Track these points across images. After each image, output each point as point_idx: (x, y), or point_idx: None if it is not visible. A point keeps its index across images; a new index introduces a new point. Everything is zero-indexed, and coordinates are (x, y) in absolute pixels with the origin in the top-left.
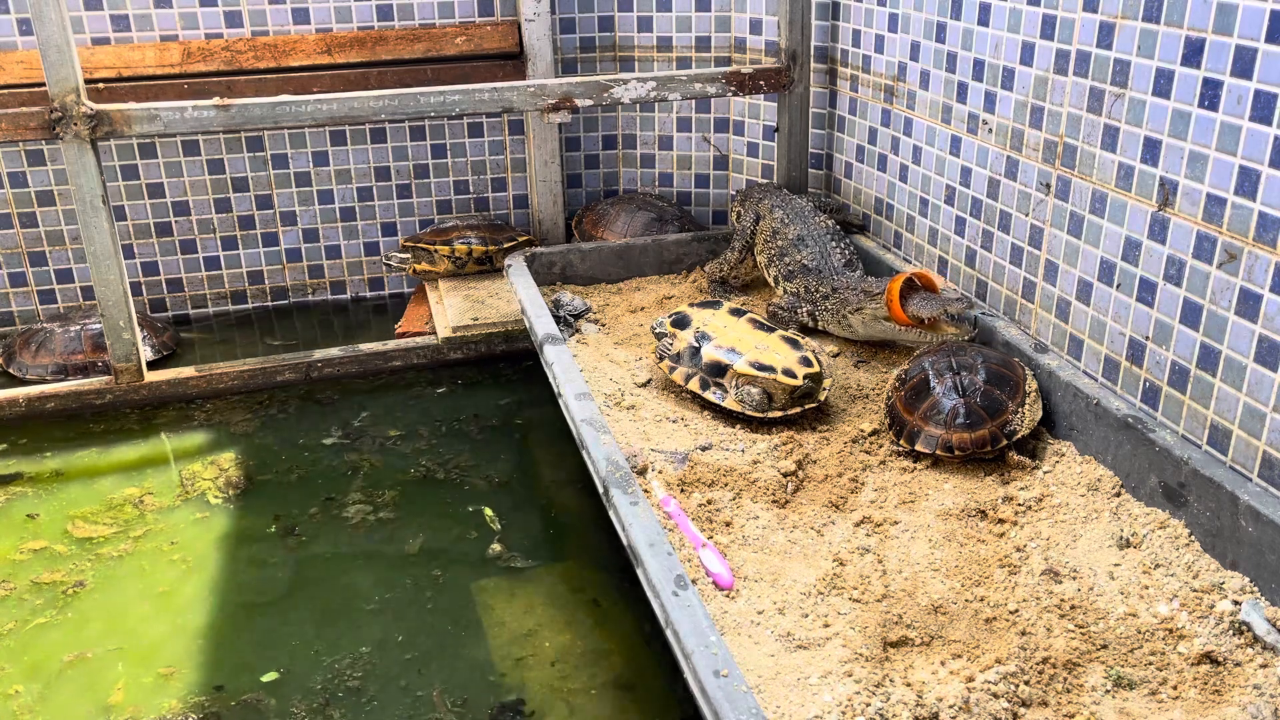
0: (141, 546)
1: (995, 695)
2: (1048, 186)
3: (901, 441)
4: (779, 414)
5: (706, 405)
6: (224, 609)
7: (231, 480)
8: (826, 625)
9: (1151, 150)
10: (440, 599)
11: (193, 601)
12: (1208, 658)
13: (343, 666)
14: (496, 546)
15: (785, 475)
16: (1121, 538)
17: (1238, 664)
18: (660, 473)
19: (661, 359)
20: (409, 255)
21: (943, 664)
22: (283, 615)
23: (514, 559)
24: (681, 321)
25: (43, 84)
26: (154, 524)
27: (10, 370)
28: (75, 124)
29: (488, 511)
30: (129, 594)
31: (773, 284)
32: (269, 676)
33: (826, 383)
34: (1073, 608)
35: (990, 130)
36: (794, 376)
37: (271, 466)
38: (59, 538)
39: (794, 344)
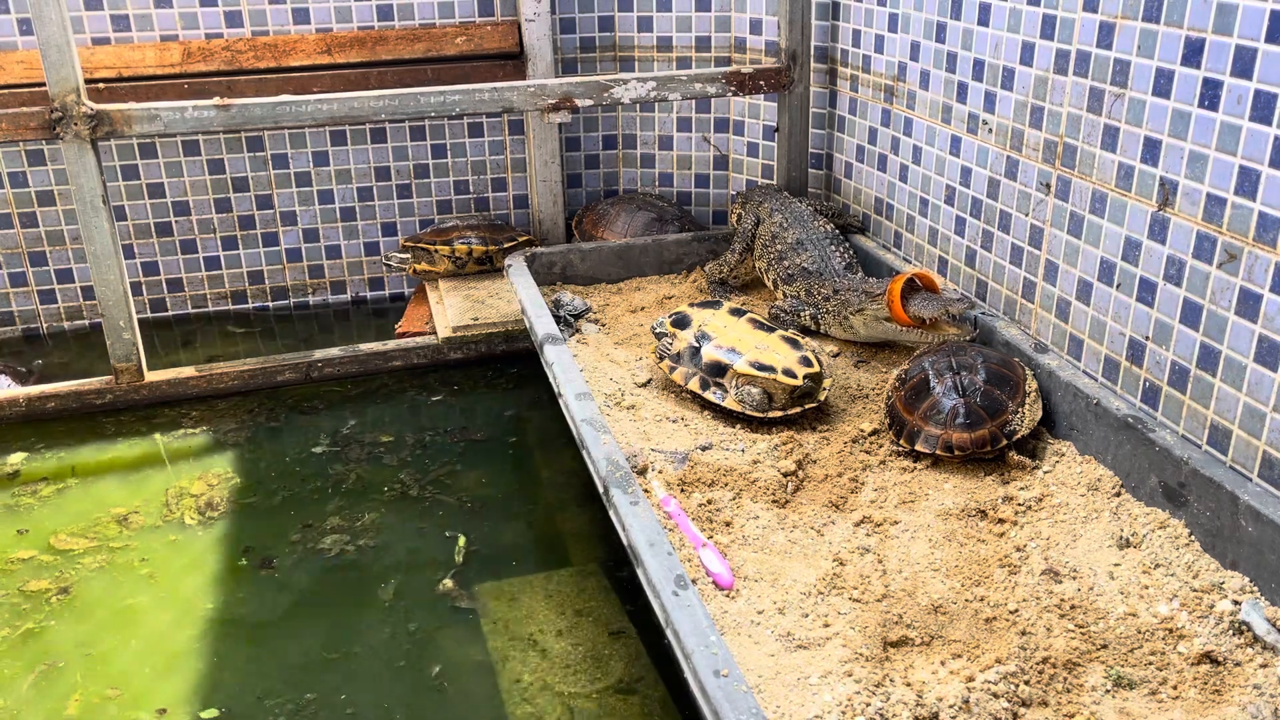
0: (117, 560)
1: (995, 695)
2: (1048, 186)
3: (901, 441)
4: (779, 414)
5: (706, 405)
6: (189, 636)
7: (213, 501)
8: (826, 625)
9: (1151, 150)
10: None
11: (161, 626)
12: (1208, 658)
13: (287, 712)
14: (449, 583)
15: (785, 475)
16: (1121, 538)
17: (1238, 664)
18: (660, 472)
19: (661, 359)
20: (409, 255)
21: (943, 664)
22: (251, 648)
23: (461, 599)
24: (681, 321)
25: (43, 84)
26: (132, 541)
27: None
28: (75, 124)
29: (460, 540)
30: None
31: (771, 288)
32: (209, 714)
33: (826, 383)
34: (1073, 608)
35: (990, 130)
36: (794, 376)
37: (263, 479)
38: (45, 549)
39: (794, 344)
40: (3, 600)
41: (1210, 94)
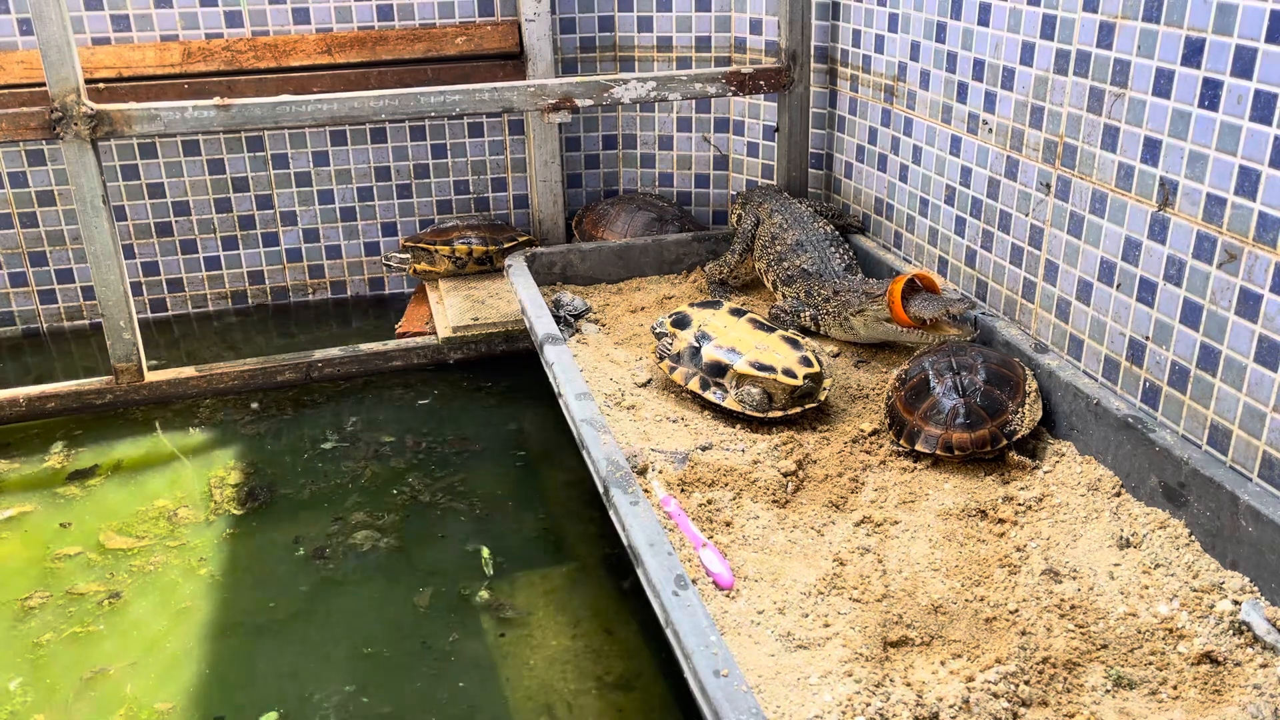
0: (172, 560)
1: (995, 695)
2: (1048, 186)
3: (902, 441)
4: (779, 414)
5: (707, 405)
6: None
7: (241, 495)
8: (826, 625)
9: (1151, 150)
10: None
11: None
12: (1208, 658)
13: (335, 705)
14: (484, 594)
15: (785, 475)
16: (1121, 538)
17: (1238, 664)
18: (660, 472)
19: (662, 359)
20: (409, 255)
21: (943, 664)
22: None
23: (503, 609)
24: (682, 321)
25: (43, 84)
26: (188, 540)
27: None
28: (75, 124)
29: (484, 552)
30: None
31: (770, 288)
32: (268, 717)
33: (826, 383)
34: (1073, 608)
35: (990, 130)
36: (794, 376)
37: (286, 477)
38: (94, 546)
39: (794, 344)
40: (50, 601)
41: (1210, 94)
